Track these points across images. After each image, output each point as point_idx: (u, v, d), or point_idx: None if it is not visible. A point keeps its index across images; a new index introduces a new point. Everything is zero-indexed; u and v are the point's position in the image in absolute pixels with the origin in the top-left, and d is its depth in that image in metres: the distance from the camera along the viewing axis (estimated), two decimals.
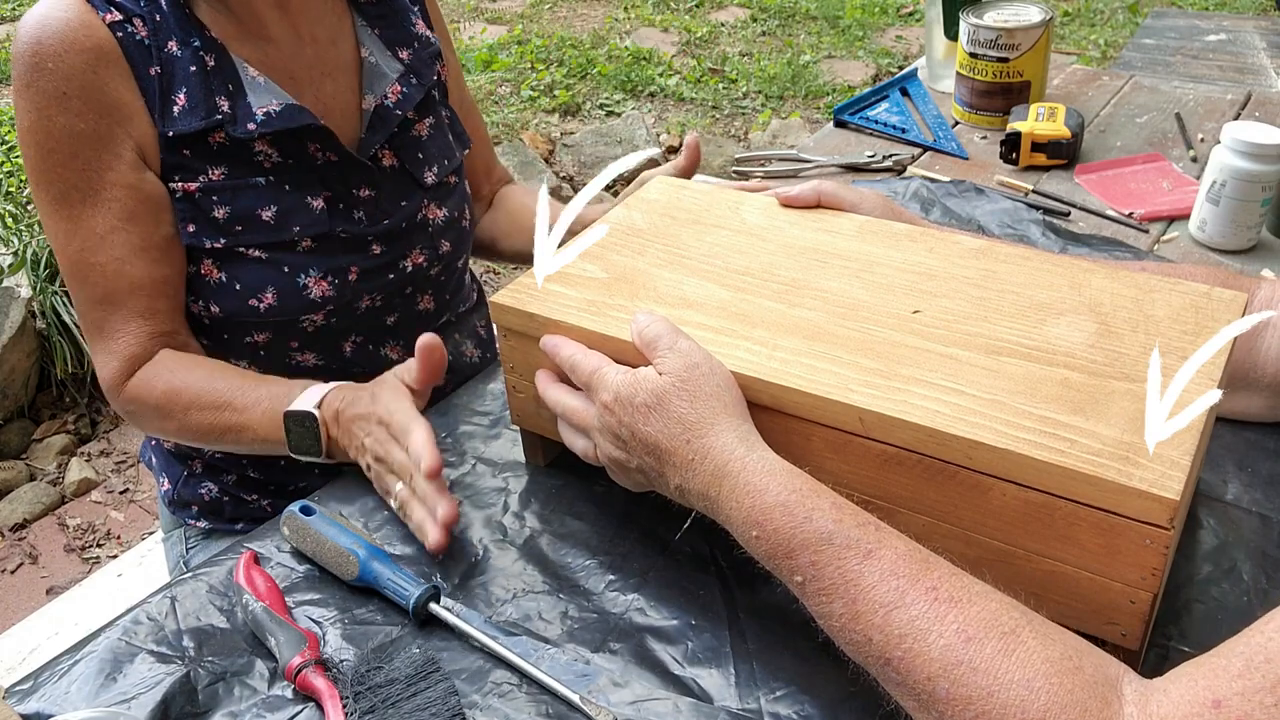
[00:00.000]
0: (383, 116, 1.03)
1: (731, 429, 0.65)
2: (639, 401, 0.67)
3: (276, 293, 0.98)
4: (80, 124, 0.89)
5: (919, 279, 0.77)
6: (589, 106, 3.87)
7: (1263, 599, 0.71)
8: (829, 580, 0.59)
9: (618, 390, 0.69)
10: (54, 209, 0.92)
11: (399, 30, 1.07)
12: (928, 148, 1.45)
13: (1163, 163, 1.35)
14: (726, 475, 0.64)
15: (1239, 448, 0.85)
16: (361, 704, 0.67)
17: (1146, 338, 0.68)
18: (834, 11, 4.69)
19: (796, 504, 0.61)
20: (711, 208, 0.89)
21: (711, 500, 0.65)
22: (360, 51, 1.04)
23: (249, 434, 0.92)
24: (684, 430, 0.65)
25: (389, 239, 1.04)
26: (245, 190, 0.95)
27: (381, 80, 1.04)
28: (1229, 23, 2.17)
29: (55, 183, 0.91)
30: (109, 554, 2.09)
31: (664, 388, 0.67)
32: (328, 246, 0.99)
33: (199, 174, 0.94)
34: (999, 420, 0.62)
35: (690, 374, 0.67)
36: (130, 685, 0.71)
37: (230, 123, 0.93)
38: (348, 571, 0.76)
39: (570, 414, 0.74)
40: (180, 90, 0.92)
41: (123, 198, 0.92)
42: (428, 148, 1.08)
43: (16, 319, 2.33)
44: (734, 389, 0.68)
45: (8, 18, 4.72)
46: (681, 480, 0.66)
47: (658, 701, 0.68)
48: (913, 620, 0.55)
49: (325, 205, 0.98)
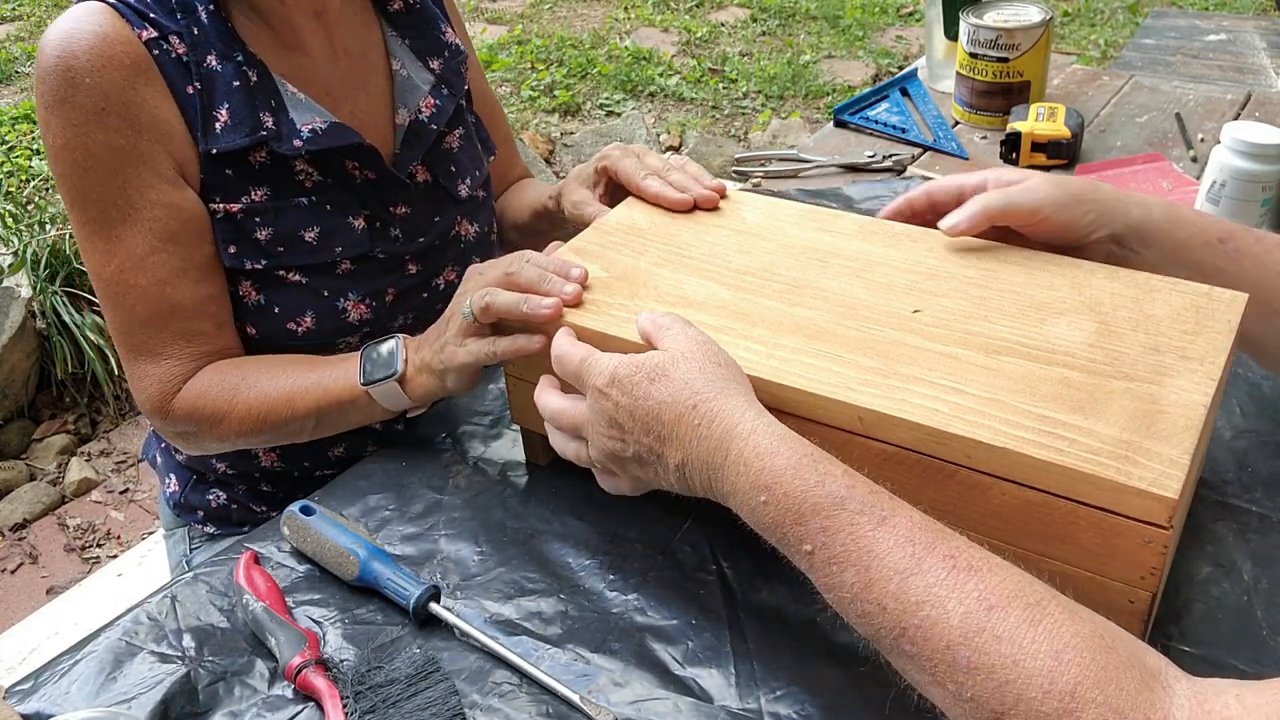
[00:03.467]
0: (417, 132, 1.01)
1: (740, 395, 0.64)
2: (640, 376, 0.65)
3: (315, 316, 0.96)
4: (119, 140, 0.86)
5: (919, 278, 0.77)
6: (589, 106, 3.87)
7: (1263, 599, 0.71)
8: (841, 547, 0.56)
9: (614, 371, 0.66)
10: (92, 229, 0.89)
11: (429, 39, 1.04)
12: (928, 148, 1.45)
13: (1163, 163, 1.35)
14: (735, 438, 0.61)
15: (1239, 448, 0.85)
16: (361, 704, 0.67)
17: (1146, 337, 0.68)
18: (834, 11, 4.69)
19: (809, 467, 0.58)
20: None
21: (715, 469, 0.62)
22: (391, 64, 1.02)
23: (319, 391, 0.89)
24: (691, 395, 0.63)
25: (424, 257, 1.03)
26: (288, 211, 0.93)
27: (414, 93, 1.02)
28: (1229, 23, 2.17)
29: (94, 202, 0.88)
30: (109, 554, 2.09)
31: (670, 358, 0.65)
32: (366, 269, 0.98)
33: (241, 194, 0.91)
34: (998, 419, 0.62)
35: (699, 348, 0.66)
36: (130, 685, 0.71)
37: (275, 139, 0.90)
38: (348, 571, 0.76)
39: (558, 415, 0.72)
40: (222, 106, 0.89)
41: (164, 217, 0.89)
42: (459, 160, 1.06)
43: (16, 319, 2.33)
44: (741, 371, 0.67)
45: (8, 18, 4.72)
46: (684, 454, 0.63)
47: (658, 701, 0.68)
48: (930, 587, 0.53)
49: (365, 225, 0.97)
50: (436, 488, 0.88)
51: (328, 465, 1.06)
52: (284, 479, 1.08)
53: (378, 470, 0.90)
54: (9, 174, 3.14)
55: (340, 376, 0.89)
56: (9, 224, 2.53)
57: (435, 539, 0.82)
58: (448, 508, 0.85)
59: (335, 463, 1.06)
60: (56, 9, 4.78)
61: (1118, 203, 0.78)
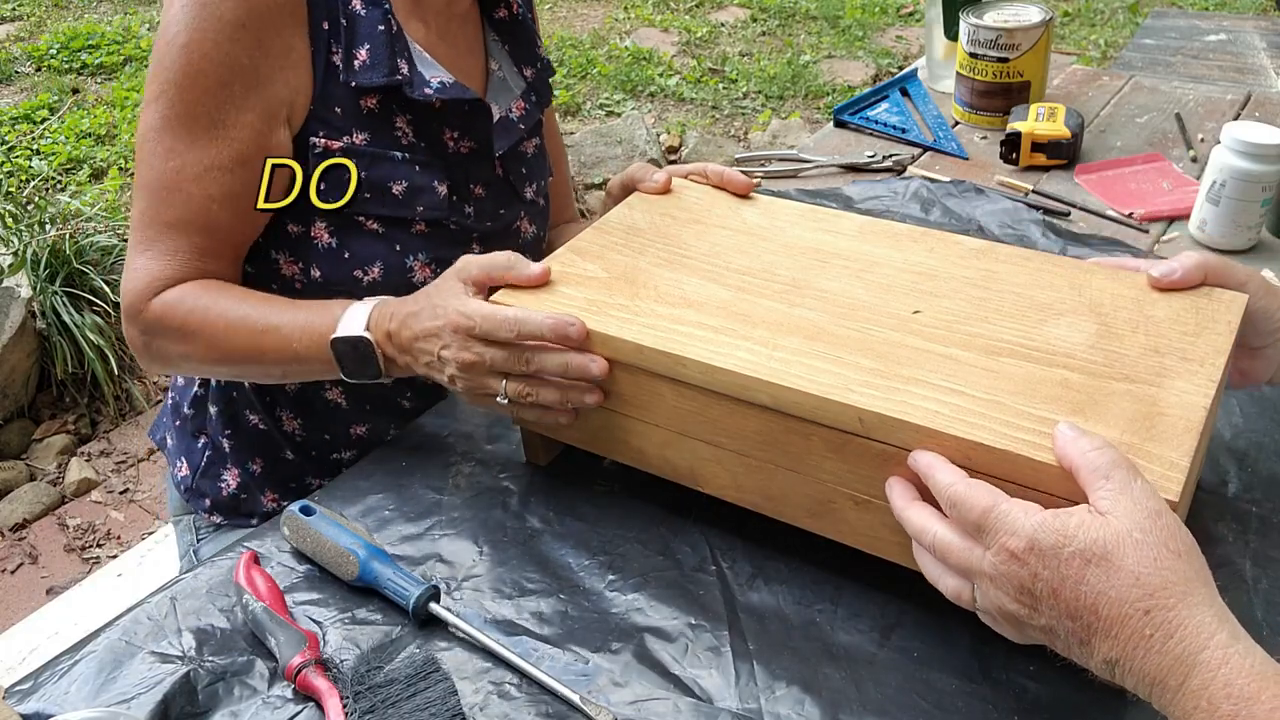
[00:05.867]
0: (506, 127, 1.04)
1: (1208, 604, 0.52)
2: (1071, 552, 0.54)
3: (384, 268, 0.98)
4: (244, 58, 0.87)
5: (919, 279, 0.77)
6: (589, 106, 3.87)
7: (1263, 599, 0.72)
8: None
9: (1034, 536, 0.55)
10: (171, 125, 0.89)
11: (526, 49, 1.09)
12: (928, 148, 1.45)
13: (1163, 163, 1.35)
14: (1199, 666, 0.50)
15: (1239, 448, 0.85)
16: (361, 704, 0.67)
17: (1146, 338, 0.68)
18: (834, 11, 4.69)
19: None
20: (712, 207, 0.89)
21: (1164, 688, 0.52)
22: (490, 64, 1.07)
23: (288, 351, 0.88)
24: (1143, 597, 0.52)
25: (488, 240, 1.05)
26: (384, 160, 0.95)
27: (507, 94, 1.07)
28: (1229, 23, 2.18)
29: (189, 104, 0.88)
30: (109, 554, 2.09)
31: (1115, 538, 0.53)
32: (438, 234, 1.00)
33: (344, 134, 0.93)
34: (998, 421, 0.62)
35: (1152, 524, 0.54)
36: (130, 685, 0.71)
37: (408, 85, 0.93)
38: (348, 571, 0.76)
39: (946, 551, 0.61)
40: (363, 45, 0.92)
41: (246, 139, 0.90)
42: (532, 165, 1.10)
43: (16, 319, 2.33)
44: (1200, 556, 0.55)
45: (8, 18, 4.72)
46: (1121, 655, 0.53)
47: (658, 701, 0.68)
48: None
49: (447, 192, 0.99)
50: (436, 488, 0.88)
51: (348, 444, 1.07)
52: (301, 451, 1.07)
53: (378, 470, 0.90)
54: (9, 174, 3.14)
55: (313, 350, 0.87)
56: (9, 224, 2.53)
57: (435, 539, 0.82)
58: (448, 508, 0.85)
59: (355, 442, 1.07)
60: (56, 9, 4.78)
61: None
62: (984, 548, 0.58)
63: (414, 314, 0.82)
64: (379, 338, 0.84)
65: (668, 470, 0.79)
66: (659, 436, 0.77)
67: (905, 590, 0.72)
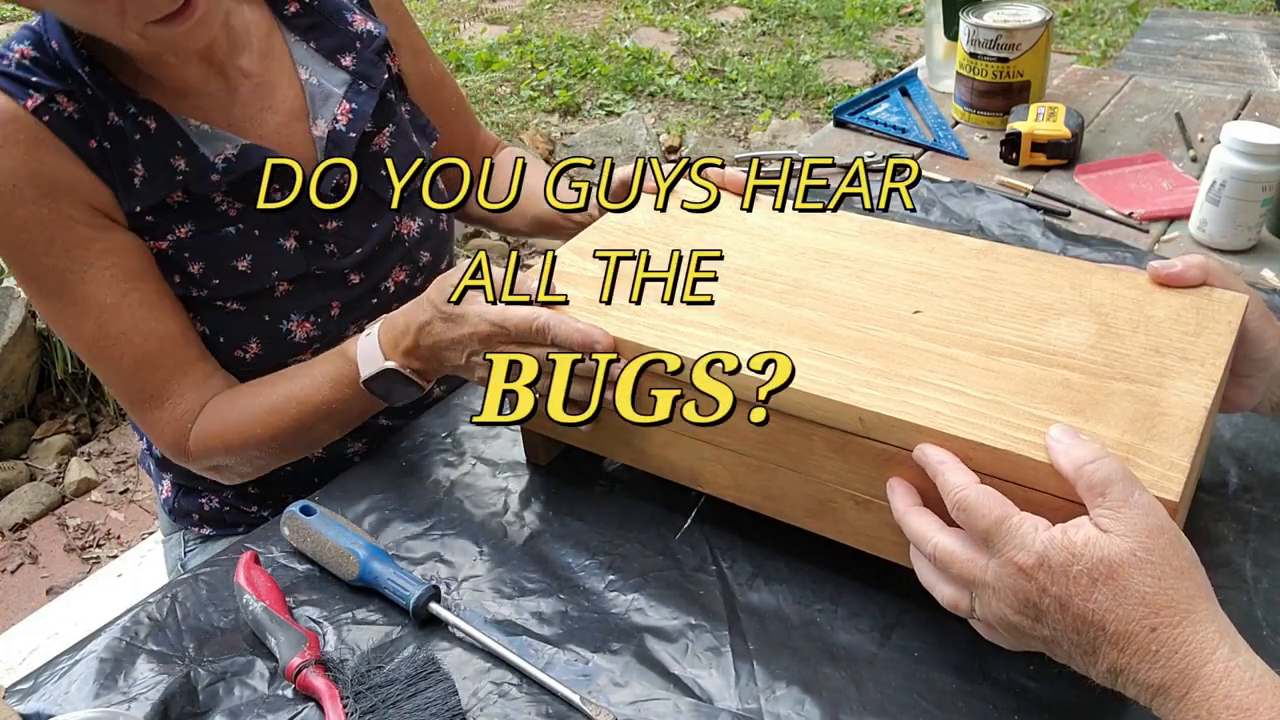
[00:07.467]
0: (337, 142, 0.96)
1: (1210, 619, 0.54)
2: (1079, 569, 0.54)
3: (260, 341, 0.95)
4: (42, 210, 0.84)
5: (919, 279, 0.77)
6: (589, 106, 3.87)
7: (1263, 599, 0.72)
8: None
9: (1044, 553, 0.55)
10: (54, 299, 0.88)
11: (335, 35, 0.99)
12: (928, 148, 1.45)
13: (1163, 163, 1.35)
14: (1201, 680, 0.52)
15: (1239, 447, 0.85)
16: (361, 704, 0.67)
17: (1147, 338, 0.68)
18: (834, 11, 4.69)
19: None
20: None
21: (1166, 697, 0.53)
22: (299, 73, 0.97)
23: (327, 410, 0.88)
24: (1149, 615, 0.53)
25: (366, 266, 1.00)
26: (217, 243, 0.91)
27: (328, 101, 0.97)
28: (1229, 23, 2.18)
29: (46, 273, 0.86)
30: (109, 554, 2.09)
31: (1119, 558, 0.54)
32: (304, 287, 0.96)
33: (165, 233, 0.90)
34: (999, 421, 0.62)
35: (1155, 541, 0.54)
36: (130, 685, 0.71)
37: (194, 180, 0.89)
38: (348, 571, 0.76)
39: (949, 561, 0.60)
40: (136, 161, 0.87)
41: (119, 261, 0.88)
42: (396, 153, 1.02)
43: (16, 319, 2.33)
44: (1202, 572, 0.56)
45: (8, 18, 4.71)
46: (1125, 666, 0.54)
47: (658, 701, 0.68)
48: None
49: (297, 245, 0.95)
50: (436, 488, 0.88)
51: (308, 464, 1.05)
52: (267, 479, 1.05)
53: (377, 470, 0.90)
54: None
55: (353, 400, 0.87)
56: None
57: (435, 539, 0.82)
58: (448, 508, 0.85)
59: (316, 463, 1.05)
60: None
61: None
62: (988, 557, 0.58)
63: (430, 327, 0.80)
64: (399, 358, 0.83)
65: (668, 470, 0.79)
66: (659, 436, 0.77)
67: (905, 590, 0.72)
